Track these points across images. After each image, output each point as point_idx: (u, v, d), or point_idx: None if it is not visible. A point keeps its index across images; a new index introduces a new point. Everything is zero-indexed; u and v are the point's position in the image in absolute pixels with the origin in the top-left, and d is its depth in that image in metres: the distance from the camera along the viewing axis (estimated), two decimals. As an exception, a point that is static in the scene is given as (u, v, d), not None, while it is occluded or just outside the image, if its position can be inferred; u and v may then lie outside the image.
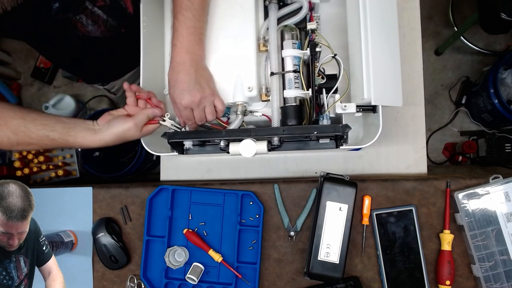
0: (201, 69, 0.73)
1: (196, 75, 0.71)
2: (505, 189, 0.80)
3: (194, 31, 0.71)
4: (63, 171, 1.46)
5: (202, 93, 0.72)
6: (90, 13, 0.82)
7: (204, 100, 0.72)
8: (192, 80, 0.71)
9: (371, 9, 0.72)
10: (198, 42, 0.72)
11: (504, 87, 1.63)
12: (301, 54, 0.78)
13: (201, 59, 0.74)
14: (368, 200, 0.85)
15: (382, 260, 0.83)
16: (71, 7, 0.78)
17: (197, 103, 0.72)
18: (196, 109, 0.73)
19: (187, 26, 0.70)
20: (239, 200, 0.88)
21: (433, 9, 1.88)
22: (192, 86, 0.71)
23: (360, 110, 0.75)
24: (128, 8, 0.89)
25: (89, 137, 0.74)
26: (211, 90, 0.73)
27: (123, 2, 0.88)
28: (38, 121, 0.72)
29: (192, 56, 0.71)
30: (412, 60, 0.94)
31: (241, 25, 0.78)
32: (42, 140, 0.73)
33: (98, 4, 0.82)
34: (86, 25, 0.84)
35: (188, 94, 0.71)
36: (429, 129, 1.81)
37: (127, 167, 1.51)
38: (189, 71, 0.71)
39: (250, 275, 0.87)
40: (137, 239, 0.93)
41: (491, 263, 0.80)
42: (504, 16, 1.23)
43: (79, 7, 0.80)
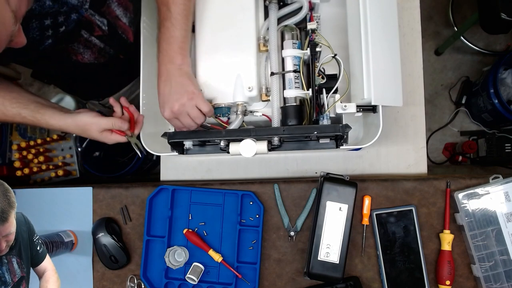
0: (179, 77, 0.72)
1: (173, 85, 0.72)
2: (505, 189, 0.80)
3: (173, 41, 0.71)
4: (63, 171, 1.46)
5: (180, 101, 0.72)
6: (85, 41, 0.80)
7: (184, 107, 0.72)
8: (169, 91, 0.72)
9: (371, 9, 0.72)
10: (177, 51, 0.72)
11: (504, 87, 1.63)
12: (301, 54, 0.78)
13: (180, 67, 0.73)
14: (368, 200, 0.85)
15: (382, 260, 0.83)
16: (65, 39, 0.76)
17: (178, 113, 0.72)
18: (181, 117, 0.74)
19: (166, 36, 0.71)
20: (239, 200, 0.88)
21: (433, 9, 1.88)
22: (170, 97, 0.72)
23: (360, 110, 0.75)
24: (129, 39, 0.87)
25: (56, 116, 0.77)
26: (189, 95, 0.72)
27: (124, 34, 0.85)
28: (15, 100, 0.76)
29: (170, 66, 0.72)
30: (412, 60, 0.94)
31: (241, 25, 0.78)
32: (15, 118, 0.77)
33: (95, 34, 0.80)
34: (77, 49, 0.81)
35: (167, 106, 0.72)
36: (429, 129, 1.81)
37: (127, 167, 1.51)
38: (166, 82, 0.72)
39: (250, 275, 0.87)
40: (137, 239, 0.93)
41: (491, 263, 0.80)
42: (504, 16, 1.23)
43: (74, 38, 0.78)
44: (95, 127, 0.78)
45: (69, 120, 0.78)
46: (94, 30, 0.79)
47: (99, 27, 0.79)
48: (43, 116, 0.77)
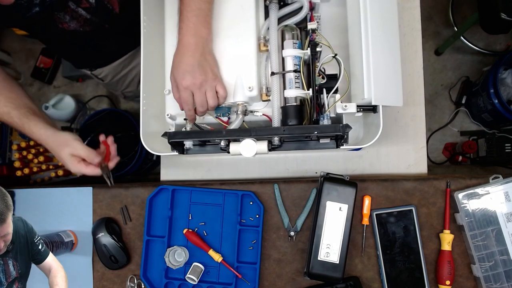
0: (207, 53, 0.72)
1: (200, 59, 0.71)
2: (505, 189, 0.80)
3: (199, 13, 0.70)
4: (63, 171, 1.46)
5: (204, 76, 0.71)
6: (71, 12, 0.81)
7: (206, 83, 0.71)
8: (196, 63, 0.70)
9: (371, 9, 0.72)
10: (203, 24, 0.71)
11: (504, 87, 1.63)
12: (302, 54, 0.78)
13: (206, 41, 0.72)
14: (368, 200, 0.85)
15: (382, 260, 0.83)
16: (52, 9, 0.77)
17: (198, 86, 0.71)
18: (197, 92, 0.72)
19: (192, 8, 0.69)
20: (239, 200, 0.88)
21: (433, 9, 1.88)
22: (195, 68, 0.70)
23: (361, 110, 0.75)
24: (114, 9, 0.88)
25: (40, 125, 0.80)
26: (214, 75, 0.72)
27: (109, 4, 0.87)
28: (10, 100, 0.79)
29: (198, 39, 0.71)
30: (412, 60, 0.94)
31: (242, 25, 0.78)
32: (3, 116, 0.80)
33: (82, 5, 0.81)
34: (65, 20, 0.83)
35: (189, 76, 0.70)
36: (429, 129, 1.82)
37: (127, 167, 1.51)
38: (193, 54, 0.70)
39: (250, 275, 0.87)
40: (137, 239, 0.93)
41: (491, 263, 0.80)
42: (504, 16, 1.23)
43: (61, 8, 0.79)
44: (70, 149, 0.80)
45: (50, 132, 0.80)
46: (81, 2, 0.81)
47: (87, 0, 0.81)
48: (29, 122, 0.79)
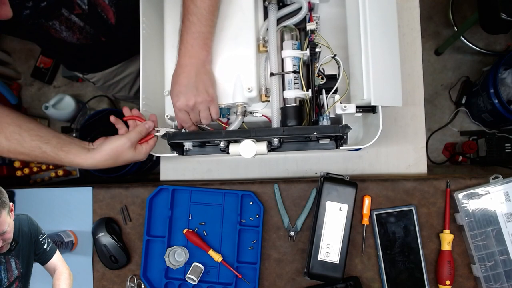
0: (203, 74, 0.73)
1: (196, 80, 0.72)
2: (505, 189, 0.80)
3: (199, 36, 0.71)
4: (63, 171, 1.47)
5: (197, 98, 0.72)
6: (65, 20, 0.80)
7: (199, 105, 0.73)
8: (191, 84, 0.72)
9: (370, 9, 0.72)
10: (202, 47, 0.72)
11: (504, 87, 1.63)
12: (301, 55, 0.78)
13: (203, 63, 0.73)
14: (368, 200, 0.85)
15: (382, 260, 0.83)
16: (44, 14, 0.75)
17: (191, 107, 0.73)
18: (191, 112, 0.75)
19: (192, 31, 0.71)
20: (239, 200, 0.88)
21: (433, 9, 1.88)
22: (189, 90, 0.72)
23: (360, 111, 0.75)
24: (109, 19, 0.87)
25: (82, 154, 0.73)
26: (208, 96, 0.73)
27: (104, 13, 0.86)
28: (34, 132, 0.72)
29: (195, 61, 0.72)
30: (412, 60, 0.94)
31: (241, 26, 0.78)
32: (33, 151, 0.71)
33: (75, 11, 0.80)
34: (60, 31, 0.82)
35: (183, 97, 0.72)
36: (429, 129, 1.82)
37: (127, 167, 1.51)
38: (188, 75, 0.72)
39: (250, 275, 0.87)
40: (137, 239, 0.93)
41: (491, 263, 0.80)
42: (504, 16, 1.23)
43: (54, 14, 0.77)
44: (127, 145, 0.74)
45: (98, 155, 0.74)
46: (74, 8, 0.79)
47: (79, 6, 0.79)
48: (68, 155, 0.73)
